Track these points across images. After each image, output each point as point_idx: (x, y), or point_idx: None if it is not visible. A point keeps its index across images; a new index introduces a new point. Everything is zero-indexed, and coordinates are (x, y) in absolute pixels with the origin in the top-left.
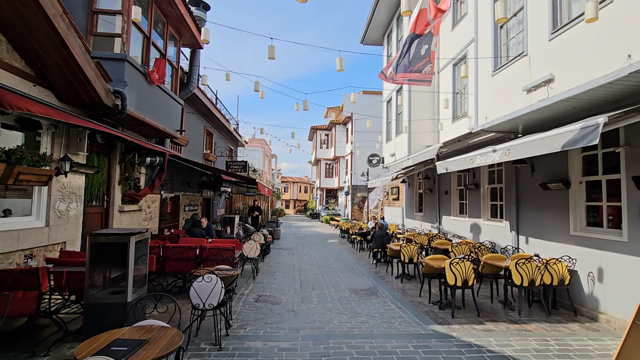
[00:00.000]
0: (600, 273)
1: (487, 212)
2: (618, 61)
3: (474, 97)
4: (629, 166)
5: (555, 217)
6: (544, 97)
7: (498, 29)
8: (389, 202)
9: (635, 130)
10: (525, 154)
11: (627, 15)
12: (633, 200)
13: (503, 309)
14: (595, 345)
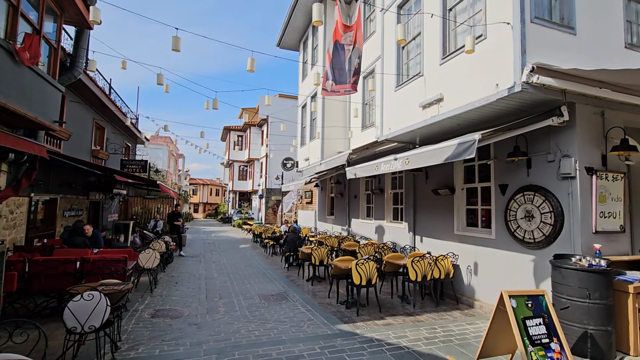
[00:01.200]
0: (475, 266)
1: (390, 215)
2: (489, 88)
3: (380, 109)
4: (496, 176)
5: (443, 219)
6: (436, 114)
7: (401, 49)
8: (302, 206)
9: (501, 146)
10: (421, 164)
11: (495, 52)
12: (499, 204)
13: (401, 303)
14: (471, 328)
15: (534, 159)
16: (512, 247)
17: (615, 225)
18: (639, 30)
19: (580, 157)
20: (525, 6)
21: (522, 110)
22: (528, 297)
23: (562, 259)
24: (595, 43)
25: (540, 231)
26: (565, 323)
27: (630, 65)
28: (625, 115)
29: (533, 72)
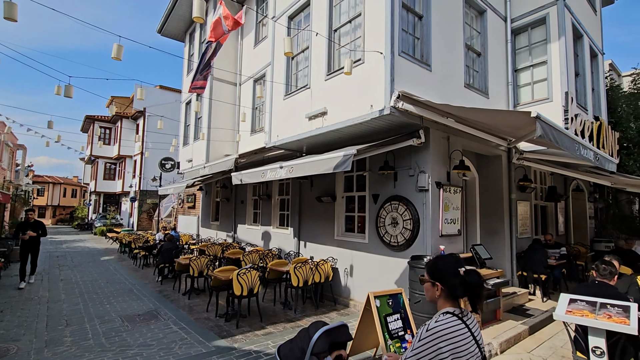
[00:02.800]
0: (352, 268)
1: (277, 221)
2: (366, 108)
3: (269, 116)
4: (370, 186)
5: (325, 225)
6: (320, 126)
7: (290, 60)
8: (184, 211)
9: (374, 160)
10: (304, 173)
11: (371, 76)
12: (372, 212)
13: (283, 310)
14: None
15: (400, 173)
16: (382, 250)
17: (455, 229)
18: (474, 74)
19: (432, 173)
20: (395, 40)
21: (391, 130)
22: (389, 296)
23: (417, 260)
24: (444, 80)
25: (402, 235)
26: (417, 315)
27: (467, 102)
28: (463, 141)
29: (399, 99)
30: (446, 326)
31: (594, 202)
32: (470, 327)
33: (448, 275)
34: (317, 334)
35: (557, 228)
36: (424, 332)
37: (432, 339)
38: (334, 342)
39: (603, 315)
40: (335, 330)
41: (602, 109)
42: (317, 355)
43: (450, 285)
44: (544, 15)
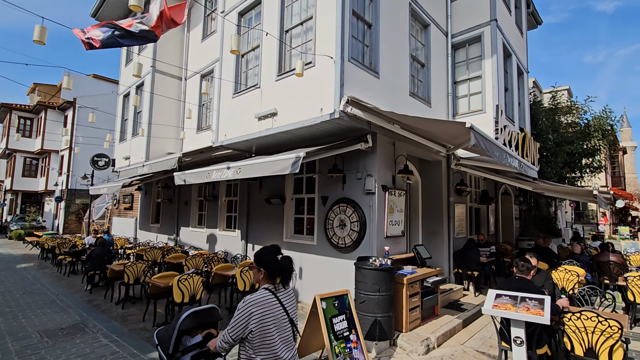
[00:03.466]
0: (300, 270)
1: (224, 223)
2: (316, 111)
3: (216, 113)
4: (320, 189)
5: (274, 227)
6: (270, 127)
7: (240, 57)
8: (119, 212)
9: (324, 163)
10: (252, 174)
11: (321, 79)
12: (321, 214)
13: (229, 316)
14: None
15: (348, 176)
16: (330, 252)
17: (399, 230)
18: (418, 84)
19: (378, 177)
20: (345, 46)
21: (341, 134)
22: (335, 298)
23: (363, 261)
24: (391, 88)
25: (350, 237)
26: (362, 314)
27: (412, 109)
28: (407, 146)
29: (348, 104)
30: (258, 297)
31: (519, 205)
32: (280, 298)
33: (269, 262)
34: (184, 314)
35: (488, 228)
36: (241, 303)
37: (246, 307)
38: (203, 322)
39: (523, 308)
40: (204, 311)
41: (526, 121)
42: (185, 332)
43: (270, 270)
44: (480, 33)
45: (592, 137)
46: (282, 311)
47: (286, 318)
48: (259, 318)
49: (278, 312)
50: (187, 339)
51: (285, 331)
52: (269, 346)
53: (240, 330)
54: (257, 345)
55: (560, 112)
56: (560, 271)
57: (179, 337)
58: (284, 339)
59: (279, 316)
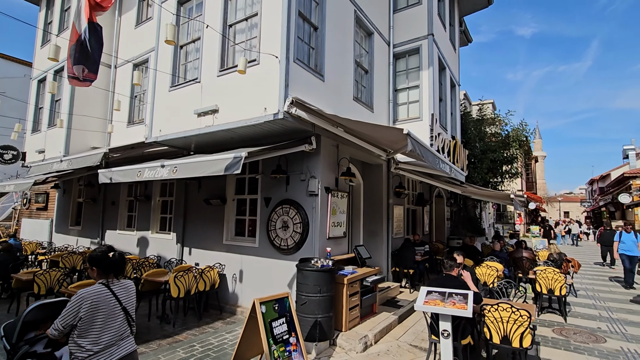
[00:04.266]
0: (241, 274)
1: (157, 225)
2: (259, 110)
3: (150, 107)
4: (263, 189)
5: (214, 229)
6: (210, 124)
7: (179, 49)
8: (30, 213)
9: (267, 163)
10: (189, 174)
11: (265, 78)
12: (263, 215)
13: (160, 325)
14: (230, 337)
15: (292, 177)
16: (272, 254)
17: (341, 232)
18: (362, 89)
19: (322, 178)
20: (291, 46)
21: (285, 134)
22: (275, 301)
23: (305, 262)
24: (336, 91)
25: (292, 239)
26: (303, 316)
27: (355, 114)
28: (351, 149)
29: (292, 105)
30: (91, 290)
31: (450, 207)
32: (114, 290)
33: (100, 260)
34: (30, 306)
35: (423, 228)
36: (75, 295)
37: (79, 298)
38: (54, 315)
39: (449, 303)
40: (54, 304)
41: (457, 130)
42: (32, 324)
43: (102, 267)
44: (418, 46)
45: (511, 147)
46: (115, 302)
47: (119, 307)
48: (88, 308)
49: (111, 302)
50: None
51: (116, 320)
52: (95, 332)
53: (71, 319)
54: (83, 330)
55: (486, 123)
56: (483, 267)
57: (25, 328)
58: (113, 327)
59: (111, 306)
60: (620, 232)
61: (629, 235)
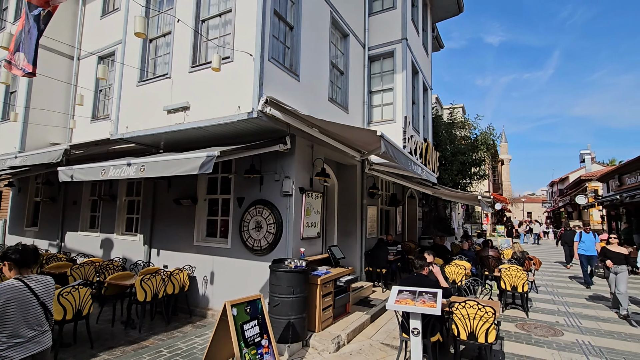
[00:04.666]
0: (212, 275)
1: (123, 226)
2: (233, 108)
3: (117, 102)
4: (236, 189)
5: (184, 230)
6: (181, 122)
7: (148, 42)
8: None
9: (241, 162)
10: (157, 173)
11: (240, 76)
12: (236, 216)
13: (124, 330)
14: (200, 341)
15: (266, 177)
16: (245, 255)
17: (315, 232)
18: (337, 90)
19: (296, 179)
20: (265, 45)
21: (259, 134)
22: (247, 303)
23: (278, 263)
24: (311, 91)
25: (266, 239)
26: (276, 318)
27: (330, 114)
28: (325, 150)
29: (267, 104)
30: (6, 285)
31: (422, 207)
32: (30, 285)
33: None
34: None
35: (396, 228)
36: None
37: None
38: None
39: (420, 301)
40: None
41: (429, 133)
42: None
43: (13, 260)
44: (392, 49)
45: (479, 150)
46: (32, 296)
47: (36, 302)
48: (3, 303)
49: (27, 297)
50: None
51: (33, 314)
52: (10, 326)
53: None
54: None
55: (456, 126)
56: (452, 265)
57: None
58: (29, 320)
59: (28, 300)
60: (580, 232)
61: (588, 236)
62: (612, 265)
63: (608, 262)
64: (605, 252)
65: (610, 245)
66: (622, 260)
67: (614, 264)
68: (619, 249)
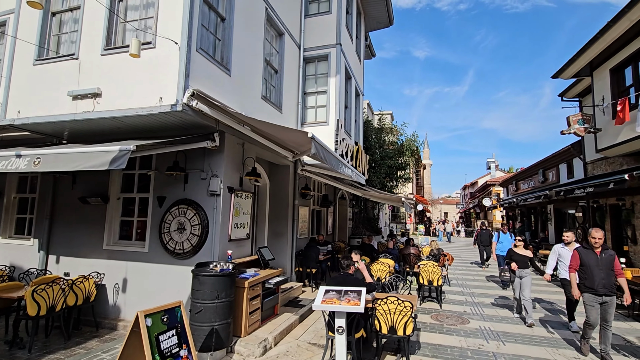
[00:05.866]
0: (125, 283)
1: (11, 228)
2: (154, 99)
3: (5, 82)
4: (156, 188)
5: (91, 232)
6: (90, 110)
7: (50, 15)
8: None
9: (162, 159)
10: (58, 167)
11: (163, 65)
12: (156, 217)
13: (9, 351)
14: (108, 357)
15: (191, 175)
16: (165, 259)
17: (244, 233)
18: (271, 88)
19: (225, 178)
20: (193, 34)
21: (184, 128)
22: (165, 312)
23: (202, 267)
24: (243, 88)
25: (189, 242)
26: (198, 326)
27: (263, 113)
28: (257, 149)
29: (193, 97)
30: None
31: (352, 208)
32: None
33: None
34: None
35: (327, 229)
36: None
37: None
38: None
39: (345, 300)
40: None
41: (360, 136)
42: None
43: None
44: (327, 53)
45: (405, 155)
46: None
47: None
48: None
49: None
50: None
51: None
52: None
53: None
54: None
55: (385, 132)
56: (377, 263)
57: None
58: None
59: None
60: (498, 232)
61: (506, 236)
62: (516, 269)
63: (513, 264)
64: (511, 254)
65: (517, 248)
66: (526, 263)
67: (519, 267)
68: (524, 252)
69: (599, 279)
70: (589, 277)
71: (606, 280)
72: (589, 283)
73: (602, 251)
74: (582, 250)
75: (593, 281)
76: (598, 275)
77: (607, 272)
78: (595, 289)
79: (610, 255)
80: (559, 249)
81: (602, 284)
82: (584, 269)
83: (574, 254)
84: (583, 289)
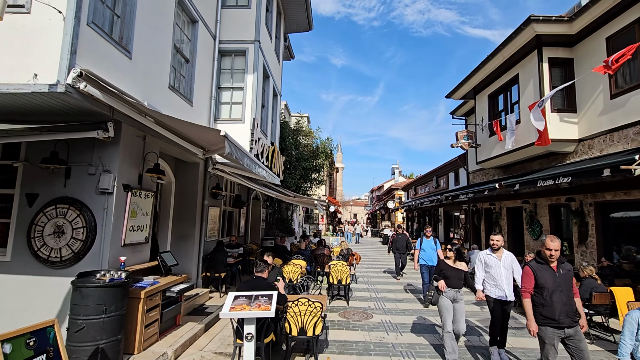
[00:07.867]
0: None
1: None
2: (25, 75)
3: None
4: (25, 183)
5: None
6: None
7: None
8: None
9: (36, 148)
10: None
11: (40, 35)
12: (23, 218)
13: None
14: None
15: (75, 170)
16: (34, 269)
17: (142, 237)
18: (180, 78)
19: (120, 174)
20: (83, 4)
21: (69, 114)
22: (31, 334)
23: (87, 277)
24: (147, 74)
25: (70, 248)
26: (77, 346)
27: (171, 104)
28: (162, 143)
29: (81, 78)
30: None
31: (266, 209)
32: None
33: None
34: None
35: (239, 230)
36: None
37: None
38: None
39: (255, 305)
40: None
41: (276, 137)
42: None
43: None
44: (245, 48)
45: (319, 157)
46: None
47: None
48: None
49: None
50: None
51: None
52: None
53: None
54: None
55: (302, 134)
56: (290, 265)
57: None
58: None
59: None
60: (420, 238)
61: (429, 242)
62: (445, 289)
63: (441, 284)
64: (442, 267)
65: (449, 260)
66: (461, 281)
67: (452, 286)
68: (458, 265)
69: (560, 304)
70: (548, 304)
71: (568, 307)
72: (547, 312)
73: (559, 266)
74: (536, 265)
75: (553, 309)
76: (559, 301)
77: (567, 294)
78: (557, 319)
79: (568, 271)
80: (485, 257)
81: (564, 311)
82: (540, 293)
83: (526, 271)
84: (540, 321)
